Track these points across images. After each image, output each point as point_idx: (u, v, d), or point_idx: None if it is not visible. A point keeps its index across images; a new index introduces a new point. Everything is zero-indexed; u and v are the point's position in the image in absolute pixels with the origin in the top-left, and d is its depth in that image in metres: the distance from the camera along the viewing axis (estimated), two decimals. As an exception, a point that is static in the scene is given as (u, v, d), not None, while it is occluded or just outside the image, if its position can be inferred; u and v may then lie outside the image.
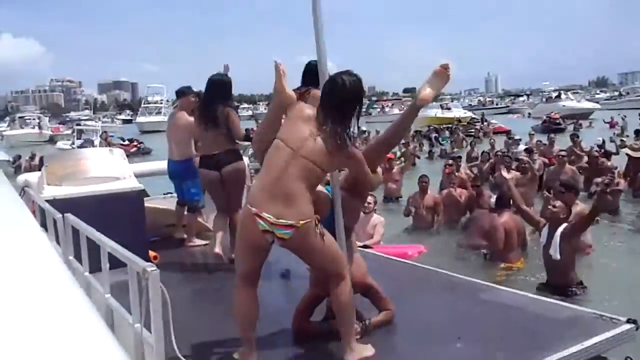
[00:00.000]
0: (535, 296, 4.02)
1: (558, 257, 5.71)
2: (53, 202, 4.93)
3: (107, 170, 5.78)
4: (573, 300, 5.60)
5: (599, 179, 10.31)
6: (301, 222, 2.84)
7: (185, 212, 6.40)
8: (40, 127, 48.94)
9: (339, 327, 3.12)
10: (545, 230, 6.03)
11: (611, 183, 9.71)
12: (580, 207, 7.44)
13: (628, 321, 3.34)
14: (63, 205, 4.85)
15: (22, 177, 6.59)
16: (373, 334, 3.44)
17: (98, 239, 3.32)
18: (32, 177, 6.29)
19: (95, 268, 3.71)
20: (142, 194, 5.67)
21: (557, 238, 5.74)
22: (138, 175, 6.12)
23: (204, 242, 6.26)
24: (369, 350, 3.13)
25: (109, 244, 3.14)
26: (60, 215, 4.10)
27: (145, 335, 2.71)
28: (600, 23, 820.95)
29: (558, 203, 6.02)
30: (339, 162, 3.07)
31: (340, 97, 2.99)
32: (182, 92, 6.34)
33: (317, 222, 2.92)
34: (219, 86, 5.33)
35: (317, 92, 4.13)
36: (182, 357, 2.80)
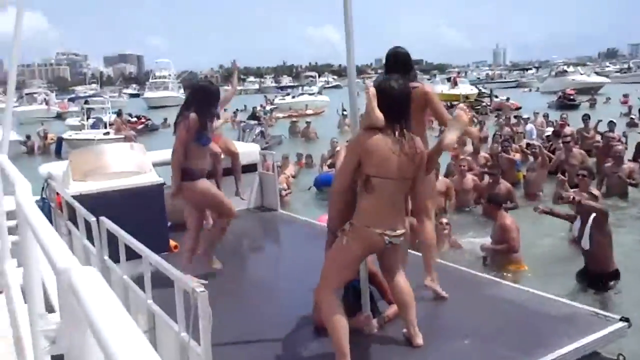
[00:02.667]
0: (536, 292, 4.18)
1: (588, 247, 6.08)
2: (79, 198, 5.13)
3: (128, 164, 5.97)
4: (606, 290, 6.11)
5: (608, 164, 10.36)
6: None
7: None
8: (47, 103, 49.06)
9: (406, 315, 3.49)
10: (577, 223, 6.34)
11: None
12: (596, 191, 7.69)
13: (621, 319, 3.55)
14: (89, 200, 5.07)
15: (45, 168, 6.73)
16: (383, 332, 3.67)
17: (137, 247, 3.47)
18: (55, 168, 6.46)
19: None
20: (162, 187, 5.82)
21: (587, 229, 6.05)
22: (156, 165, 6.33)
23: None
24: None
25: (149, 255, 3.28)
26: (95, 219, 4.25)
27: (192, 345, 2.86)
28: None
29: (585, 195, 6.29)
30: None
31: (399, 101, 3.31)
32: None
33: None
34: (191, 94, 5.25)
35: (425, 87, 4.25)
36: None
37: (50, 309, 2.20)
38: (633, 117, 19.76)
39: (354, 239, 3.25)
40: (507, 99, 32.81)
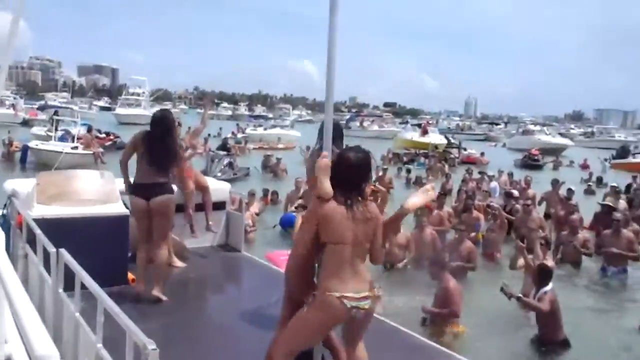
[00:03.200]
0: None
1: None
2: (41, 222, 5.04)
3: (96, 192, 5.92)
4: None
5: (564, 233, 10.68)
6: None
7: None
8: (14, 108, 48.15)
9: None
10: (532, 292, 6.76)
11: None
12: (550, 263, 7.94)
13: None
14: (51, 225, 5.00)
15: (10, 184, 6.57)
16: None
17: (93, 288, 3.44)
18: (20, 186, 6.34)
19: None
20: (127, 219, 5.79)
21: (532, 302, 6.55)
22: (123, 194, 6.30)
23: (183, 264, 6.49)
24: None
25: (104, 300, 3.24)
26: (54, 250, 4.20)
27: None
28: (581, 57, 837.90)
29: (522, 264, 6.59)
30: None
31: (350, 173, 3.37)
32: None
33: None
34: (168, 122, 5.59)
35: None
36: None
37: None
38: (591, 184, 20.37)
39: (316, 309, 3.29)
40: (482, 154, 33.50)
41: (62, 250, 4.09)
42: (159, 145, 5.42)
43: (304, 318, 3.34)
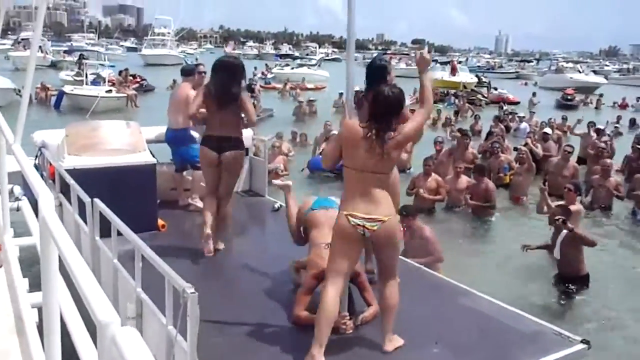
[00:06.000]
0: (505, 306, 4.32)
1: (559, 257, 6.67)
2: (73, 172, 5.20)
3: (123, 143, 6.03)
4: (576, 292, 6.62)
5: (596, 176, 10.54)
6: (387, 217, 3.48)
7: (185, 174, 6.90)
8: (42, 51, 48.34)
9: (385, 321, 3.64)
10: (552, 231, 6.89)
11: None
12: (578, 206, 7.87)
13: (582, 341, 3.72)
14: (82, 175, 5.15)
15: (39, 136, 6.73)
16: (356, 333, 3.80)
17: (130, 237, 3.53)
18: (50, 138, 6.49)
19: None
20: (154, 167, 5.90)
21: (558, 243, 6.62)
22: (150, 142, 6.42)
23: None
24: (400, 341, 3.65)
25: (143, 249, 3.34)
26: (89, 200, 4.33)
27: (179, 339, 2.95)
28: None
29: (557, 209, 6.78)
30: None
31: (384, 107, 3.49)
32: (189, 71, 6.88)
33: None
34: (234, 69, 5.31)
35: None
36: None
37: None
38: (617, 126, 19.66)
39: (335, 225, 3.58)
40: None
41: (97, 200, 4.23)
42: (227, 95, 5.19)
43: None
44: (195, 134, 6.60)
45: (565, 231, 6.48)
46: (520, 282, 6.95)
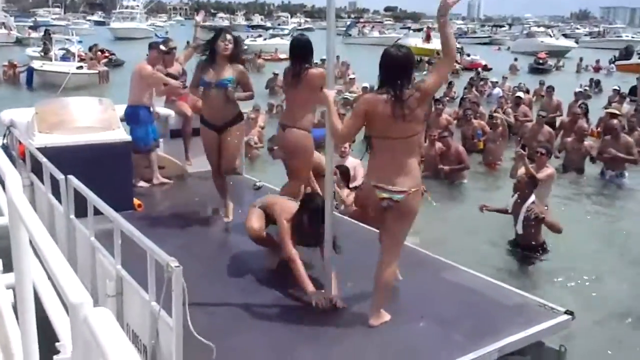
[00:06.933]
0: (491, 280, 4.41)
1: (521, 231, 6.51)
2: (45, 151, 5.11)
3: (96, 120, 5.93)
4: (535, 259, 6.53)
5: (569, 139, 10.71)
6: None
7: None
8: (6, 28, 46.98)
9: (377, 297, 3.68)
10: (512, 199, 6.69)
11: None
12: (550, 170, 7.95)
13: (566, 312, 3.80)
14: (54, 154, 5.03)
15: (7, 114, 6.61)
16: (341, 310, 3.83)
17: (107, 212, 3.53)
18: (19, 116, 6.35)
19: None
20: (130, 145, 5.84)
21: (521, 216, 6.43)
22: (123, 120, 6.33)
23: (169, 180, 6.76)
24: (387, 316, 3.70)
25: (122, 224, 3.34)
26: (63, 177, 4.27)
27: (163, 315, 2.96)
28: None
29: (524, 177, 6.59)
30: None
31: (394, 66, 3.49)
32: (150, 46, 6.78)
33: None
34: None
35: (314, 72, 4.68)
36: (200, 338, 2.96)
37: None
38: (587, 88, 19.73)
39: (360, 195, 3.80)
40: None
41: (71, 177, 4.17)
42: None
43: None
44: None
45: (529, 203, 6.39)
46: (487, 248, 6.95)
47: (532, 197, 6.48)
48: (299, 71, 4.73)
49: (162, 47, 6.78)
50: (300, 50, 4.80)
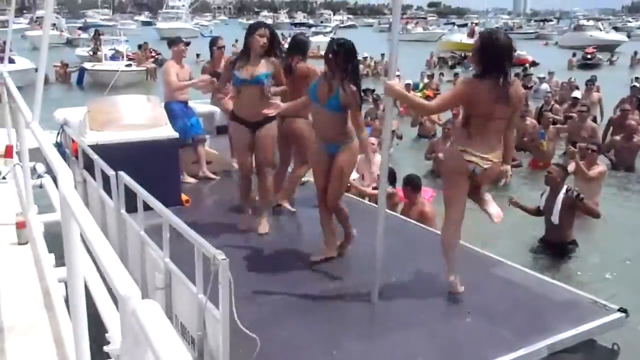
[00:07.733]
0: (540, 276, 4.35)
1: (557, 222, 6.40)
2: (96, 148, 5.27)
3: (144, 117, 6.07)
4: (565, 257, 6.43)
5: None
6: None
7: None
8: (57, 29, 48.42)
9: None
10: (543, 197, 6.61)
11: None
12: (601, 167, 7.77)
13: (619, 310, 3.68)
14: (105, 151, 5.19)
15: (60, 114, 6.84)
16: (386, 303, 3.85)
17: (157, 207, 3.60)
18: (71, 115, 6.59)
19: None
20: (177, 141, 5.95)
21: (558, 205, 6.32)
22: None
23: (215, 176, 6.89)
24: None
25: (171, 218, 3.40)
26: (114, 173, 4.38)
27: (210, 307, 3.01)
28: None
29: (556, 168, 6.52)
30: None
31: None
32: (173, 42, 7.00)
33: None
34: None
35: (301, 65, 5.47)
36: (245, 330, 3.01)
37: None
38: (636, 84, 18.98)
39: (447, 159, 4.10)
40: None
41: (121, 173, 4.28)
42: None
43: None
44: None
45: (562, 195, 6.31)
46: (522, 247, 6.80)
47: (565, 187, 6.43)
48: (290, 64, 5.41)
49: (219, 42, 7.16)
50: (293, 45, 5.68)
